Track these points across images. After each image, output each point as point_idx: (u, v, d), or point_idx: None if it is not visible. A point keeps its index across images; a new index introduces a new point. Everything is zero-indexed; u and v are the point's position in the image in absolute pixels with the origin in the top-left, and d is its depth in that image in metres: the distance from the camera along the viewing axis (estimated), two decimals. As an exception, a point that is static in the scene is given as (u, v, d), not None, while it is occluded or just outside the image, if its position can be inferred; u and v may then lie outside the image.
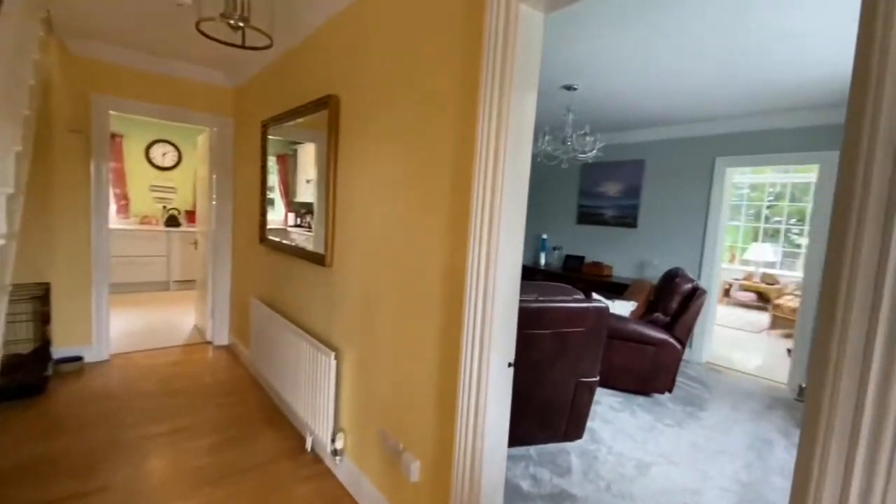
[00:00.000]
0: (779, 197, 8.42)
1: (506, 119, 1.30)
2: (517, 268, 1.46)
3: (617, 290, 4.62)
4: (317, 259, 2.34)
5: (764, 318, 7.00)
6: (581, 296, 2.45)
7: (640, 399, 3.45)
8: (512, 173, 1.35)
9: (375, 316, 1.93)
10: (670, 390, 3.46)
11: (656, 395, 3.48)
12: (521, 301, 2.30)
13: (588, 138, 3.25)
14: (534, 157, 6.25)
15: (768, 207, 8.52)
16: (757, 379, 4.16)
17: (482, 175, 1.36)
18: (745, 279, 8.29)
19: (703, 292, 3.30)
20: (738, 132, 4.26)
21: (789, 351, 5.05)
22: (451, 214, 1.54)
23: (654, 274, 4.75)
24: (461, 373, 1.45)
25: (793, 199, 8.20)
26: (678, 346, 3.31)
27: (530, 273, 5.74)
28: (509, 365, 1.44)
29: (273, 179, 3.19)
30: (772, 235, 8.50)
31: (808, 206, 7.99)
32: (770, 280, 8.09)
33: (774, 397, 3.72)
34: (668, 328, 3.39)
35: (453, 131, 1.53)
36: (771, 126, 4.03)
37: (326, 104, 2.20)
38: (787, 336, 5.85)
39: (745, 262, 8.54)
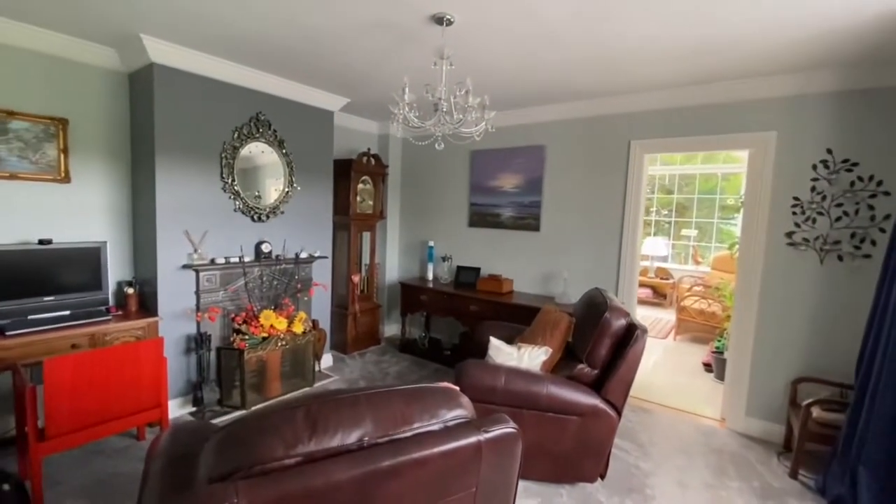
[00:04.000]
0: (665, 190, 8.30)
1: None
2: None
3: (520, 315, 3.52)
4: None
5: (665, 317, 6.63)
6: (463, 409, 1.15)
7: (564, 493, 2.33)
8: None
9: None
10: (603, 476, 2.40)
11: (584, 485, 2.39)
12: (326, 453, 0.92)
13: (471, 99, 2.01)
14: (392, 136, 4.85)
15: (646, 199, 8.33)
16: (689, 417, 3.35)
17: None
18: (640, 274, 8.00)
19: (644, 332, 2.27)
20: (658, 109, 3.38)
21: (707, 366, 4.47)
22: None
23: (565, 291, 3.75)
24: None
25: (670, 191, 8.12)
26: (613, 413, 2.24)
27: (416, 292, 4.45)
28: None
29: None
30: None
31: (694, 198, 7.97)
32: (664, 274, 7.88)
33: (716, 448, 2.89)
34: (596, 387, 2.31)
35: None
36: (699, 101, 3.20)
37: None
38: (695, 341, 5.39)
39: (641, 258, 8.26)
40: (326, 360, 4.09)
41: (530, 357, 2.44)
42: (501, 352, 2.50)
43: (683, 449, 2.86)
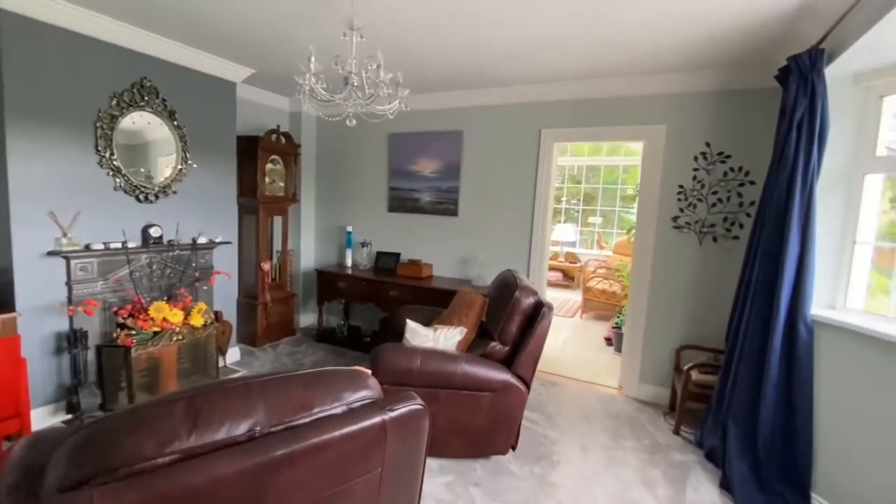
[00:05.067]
0: (574, 180, 8.86)
1: None
2: None
3: (438, 299, 3.54)
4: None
5: (573, 298, 7.12)
6: (369, 390, 1.11)
7: (478, 468, 2.41)
8: None
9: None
10: (514, 447, 2.51)
11: (497, 457, 2.49)
12: (211, 447, 0.83)
13: (383, 73, 1.93)
14: (306, 114, 4.62)
15: (557, 188, 8.84)
16: (591, 388, 3.63)
17: None
18: (551, 259, 8.51)
19: (550, 309, 2.40)
20: (566, 100, 3.55)
21: (608, 340, 4.88)
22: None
23: (481, 274, 3.84)
24: None
25: (578, 182, 8.70)
26: (523, 387, 2.34)
27: (334, 279, 4.28)
28: None
29: None
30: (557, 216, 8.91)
31: (600, 188, 8.61)
32: (572, 259, 8.45)
33: (614, 414, 3.17)
34: (508, 363, 2.40)
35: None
36: (602, 94, 3.41)
37: None
38: (599, 318, 5.86)
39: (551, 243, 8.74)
40: (233, 354, 3.80)
41: (446, 338, 2.46)
42: (418, 334, 2.49)
43: (586, 416, 3.10)
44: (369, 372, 1.25)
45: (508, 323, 2.41)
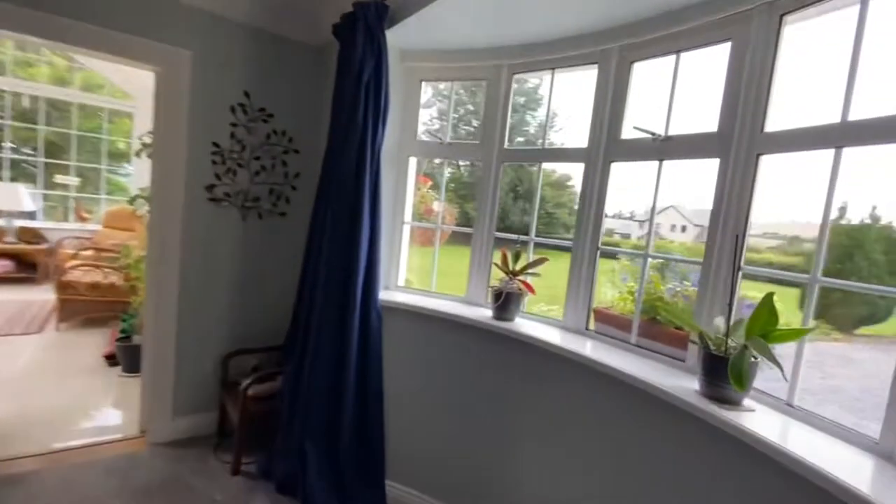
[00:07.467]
0: (27, 119, 5.86)
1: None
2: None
3: None
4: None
5: (39, 298, 4.66)
6: None
7: None
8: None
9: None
10: None
11: None
12: None
13: None
14: None
15: None
16: (93, 456, 2.25)
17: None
18: (-13, 239, 5.30)
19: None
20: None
21: (111, 358, 3.34)
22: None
23: None
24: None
25: (34, 122, 5.89)
26: None
27: None
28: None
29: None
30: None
31: (73, 136, 6.08)
32: (32, 237, 5.65)
33: (143, 487, 2.05)
34: None
35: None
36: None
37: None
38: (90, 326, 4.04)
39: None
40: None
41: None
42: None
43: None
44: None
45: None
